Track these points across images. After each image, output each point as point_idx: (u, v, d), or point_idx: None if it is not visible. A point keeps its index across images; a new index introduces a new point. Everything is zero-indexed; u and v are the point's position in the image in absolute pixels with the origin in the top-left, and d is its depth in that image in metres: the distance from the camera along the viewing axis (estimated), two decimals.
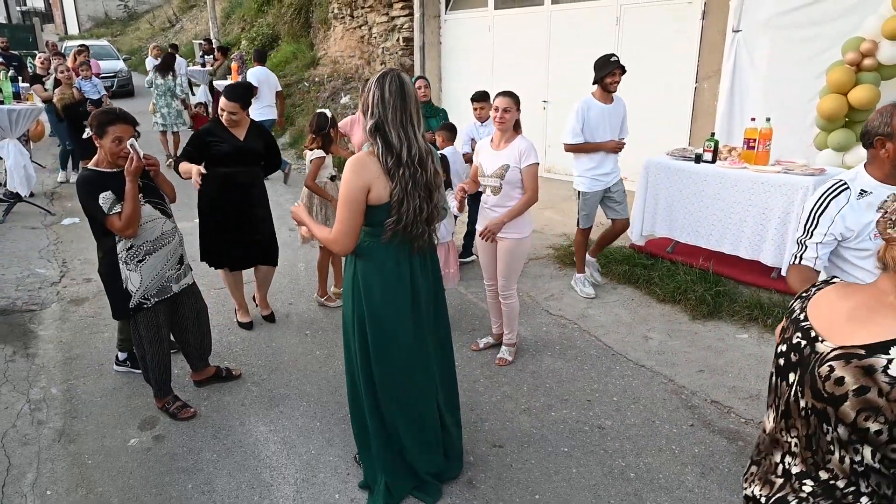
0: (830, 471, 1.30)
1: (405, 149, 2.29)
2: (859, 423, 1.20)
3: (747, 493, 1.51)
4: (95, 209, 2.91)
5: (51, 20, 32.89)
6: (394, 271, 2.44)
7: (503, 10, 8.06)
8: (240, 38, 15.15)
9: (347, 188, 2.30)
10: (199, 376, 3.54)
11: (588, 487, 2.78)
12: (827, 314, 1.34)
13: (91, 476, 2.84)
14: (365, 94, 2.34)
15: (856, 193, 2.19)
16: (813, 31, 5.36)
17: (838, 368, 1.23)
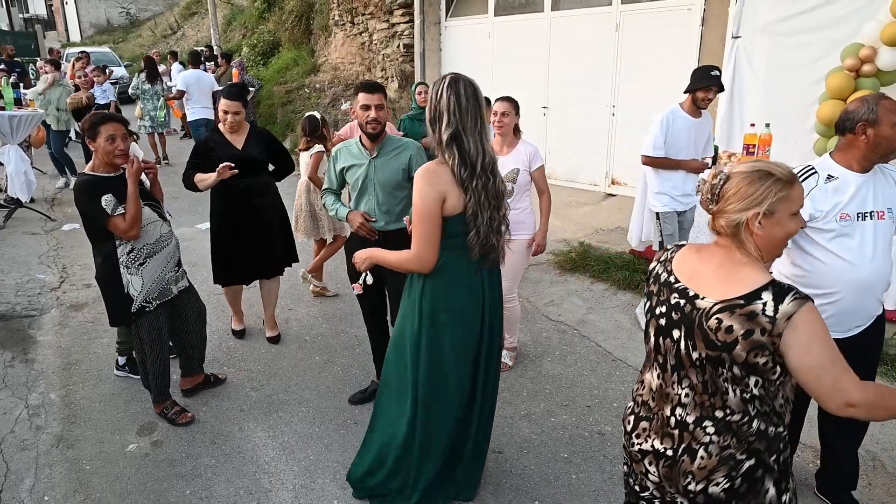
0: (726, 409, 1.52)
1: (479, 158, 2.19)
2: (750, 360, 1.44)
3: (644, 448, 1.67)
4: (98, 212, 2.91)
5: (53, 27, 33.02)
6: (466, 288, 2.35)
7: (503, 16, 8.09)
8: (241, 44, 15.20)
9: (424, 201, 2.17)
10: (190, 382, 3.49)
11: (588, 493, 2.76)
12: (694, 275, 1.56)
13: (89, 481, 2.83)
14: (434, 102, 2.18)
15: (823, 178, 2.29)
16: (812, 37, 5.37)
17: (725, 319, 1.45)
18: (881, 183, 2.32)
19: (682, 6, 6.33)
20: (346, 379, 3.69)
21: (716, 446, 1.53)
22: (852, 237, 2.25)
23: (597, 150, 7.34)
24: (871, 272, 2.27)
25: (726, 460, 1.52)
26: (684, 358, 1.55)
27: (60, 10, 31.98)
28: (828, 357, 1.41)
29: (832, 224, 2.25)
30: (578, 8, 7.31)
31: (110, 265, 3.03)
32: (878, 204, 2.28)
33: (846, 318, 2.32)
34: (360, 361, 3.86)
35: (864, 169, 2.29)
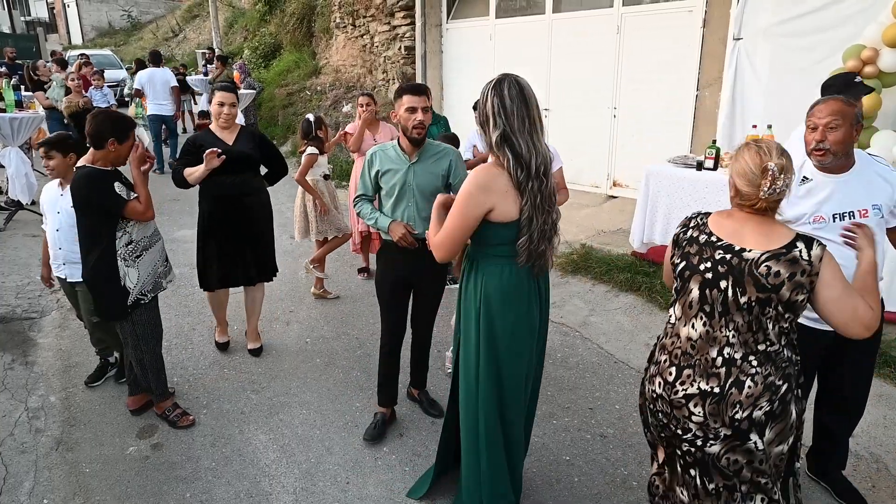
0: (767, 342, 1.84)
1: (534, 159, 2.09)
2: (792, 298, 1.78)
3: (690, 392, 1.91)
4: (114, 199, 2.93)
5: (55, 30, 33.09)
6: (525, 295, 2.27)
7: (504, 18, 8.09)
8: (242, 47, 15.23)
9: (468, 201, 2.10)
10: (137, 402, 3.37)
11: (590, 496, 2.75)
12: (734, 234, 1.86)
13: (89, 484, 2.82)
14: (481, 105, 2.14)
15: (798, 180, 2.33)
16: (813, 38, 5.37)
17: (773, 265, 1.78)
18: (862, 179, 2.32)
19: (684, 8, 6.32)
20: (346, 381, 3.67)
21: (760, 376, 1.83)
22: (833, 239, 2.20)
23: (598, 152, 7.33)
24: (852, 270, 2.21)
25: (769, 387, 1.83)
26: (731, 303, 1.84)
27: (62, 12, 32.07)
28: (847, 290, 1.77)
29: (806, 227, 2.27)
30: (579, 10, 7.30)
31: (108, 258, 2.99)
32: (857, 203, 2.29)
33: None
34: (362, 363, 3.85)
35: (841, 169, 2.31)
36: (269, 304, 4.80)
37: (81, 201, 2.95)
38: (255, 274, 3.87)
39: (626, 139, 7.05)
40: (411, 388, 3.47)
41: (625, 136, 7.07)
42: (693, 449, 1.94)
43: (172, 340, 4.18)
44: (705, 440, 1.91)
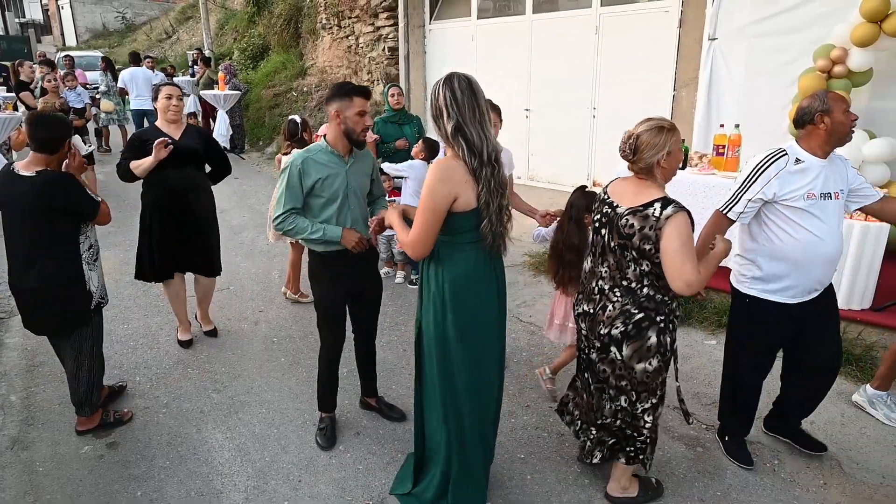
0: (629, 279, 2.33)
1: (485, 147, 2.20)
2: (641, 246, 2.23)
3: (579, 311, 2.54)
4: (91, 201, 2.92)
5: (49, 32, 33.06)
6: (485, 277, 2.35)
7: (486, 19, 8.11)
8: (232, 48, 15.22)
9: (432, 196, 2.19)
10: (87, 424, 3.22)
11: (540, 493, 2.75)
12: (618, 194, 2.38)
13: (41, 483, 2.82)
14: (433, 100, 2.24)
15: (792, 160, 2.58)
16: (786, 39, 5.38)
17: (630, 218, 2.26)
18: (836, 167, 2.62)
19: (660, 8, 6.34)
20: (310, 380, 3.66)
21: (619, 304, 2.34)
22: (818, 216, 2.54)
23: (579, 152, 7.35)
24: (834, 245, 2.59)
25: (624, 312, 2.32)
26: (606, 246, 2.37)
27: (56, 14, 32.03)
28: (682, 249, 2.13)
29: (800, 202, 2.53)
30: (559, 10, 7.32)
31: (74, 262, 2.95)
32: (834, 186, 2.59)
33: (809, 287, 2.64)
34: None
35: (826, 154, 2.59)
36: (240, 303, 4.81)
37: (53, 204, 2.83)
38: (199, 266, 3.93)
39: (605, 139, 7.06)
40: (365, 398, 3.38)
41: (604, 136, 7.07)
42: (583, 355, 2.58)
43: (139, 340, 4.19)
44: (589, 348, 2.52)
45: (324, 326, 3.02)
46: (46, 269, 2.88)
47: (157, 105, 3.68)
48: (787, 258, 2.59)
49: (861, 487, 2.79)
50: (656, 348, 2.31)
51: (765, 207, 2.62)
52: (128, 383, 3.36)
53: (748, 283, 2.73)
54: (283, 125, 4.73)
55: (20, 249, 2.88)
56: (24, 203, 2.81)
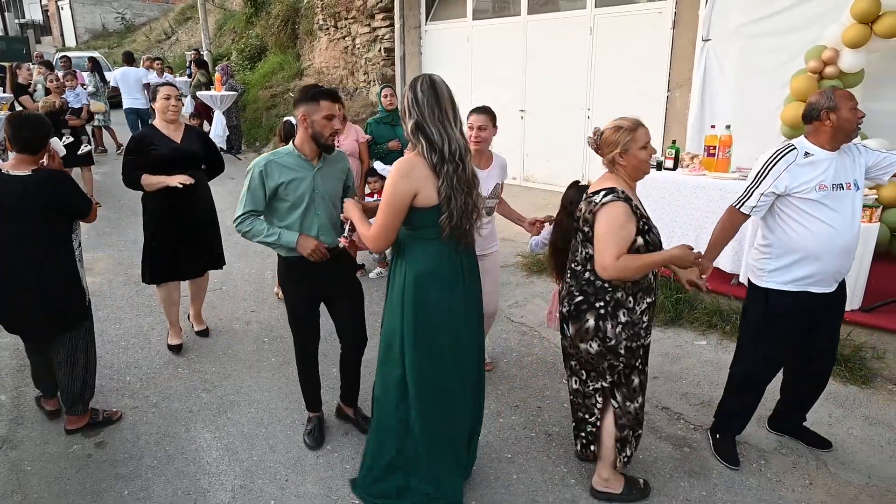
0: (577, 262, 2.49)
1: (446, 145, 2.25)
2: (583, 227, 2.41)
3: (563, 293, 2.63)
4: (85, 199, 2.98)
5: (48, 32, 33.10)
6: (448, 272, 2.40)
7: (481, 20, 8.12)
8: (230, 49, 15.24)
9: (393, 192, 2.26)
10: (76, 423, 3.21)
11: (525, 493, 2.76)
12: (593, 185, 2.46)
13: (28, 482, 2.83)
14: (400, 105, 2.38)
15: (801, 154, 2.65)
16: (779, 40, 5.40)
17: (582, 204, 2.45)
18: (846, 159, 2.68)
19: (654, 9, 6.35)
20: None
21: (568, 284, 2.53)
22: (832, 206, 2.60)
23: (574, 153, 7.35)
24: (850, 236, 2.65)
25: (570, 293, 2.50)
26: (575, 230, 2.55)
27: (56, 15, 32.06)
28: (607, 235, 2.29)
29: (813, 194, 2.59)
30: (554, 11, 7.34)
31: (72, 260, 2.97)
32: (846, 177, 2.65)
33: (830, 277, 2.69)
34: None
35: (834, 148, 2.66)
36: (232, 303, 4.82)
37: (53, 202, 2.84)
38: (205, 263, 3.98)
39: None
40: (343, 405, 3.26)
41: None
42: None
43: (131, 340, 4.19)
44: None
45: (293, 328, 3.02)
46: (48, 268, 2.88)
47: (155, 105, 3.69)
48: (803, 250, 2.65)
49: (847, 488, 2.79)
50: (594, 332, 2.41)
51: (778, 201, 2.69)
52: (122, 414, 3.32)
53: (766, 276, 2.77)
54: (279, 126, 4.75)
55: (16, 252, 2.83)
56: (21, 203, 2.79)
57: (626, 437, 2.59)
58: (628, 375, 2.51)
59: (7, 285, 2.87)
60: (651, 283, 2.47)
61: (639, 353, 2.49)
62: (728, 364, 3.74)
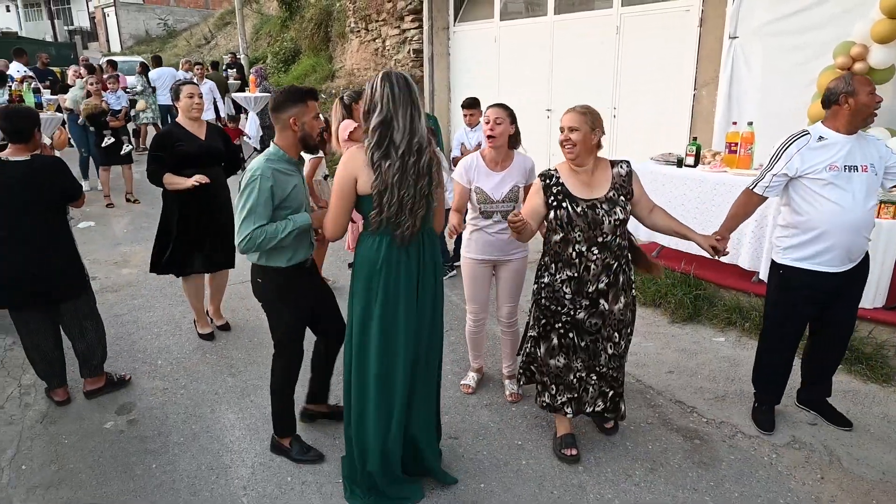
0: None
1: (407, 138, 2.30)
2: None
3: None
4: (78, 184, 3.33)
5: (95, 38, 34.39)
6: (390, 262, 2.44)
7: (508, 21, 8.18)
8: (266, 52, 15.63)
9: (337, 178, 2.41)
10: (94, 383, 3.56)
11: (534, 478, 2.82)
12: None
13: (65, 454, 3.01)
14: (369, 95, 2.34)
15: (815, 138, 2.80)
16: (806, 37, 5.33)
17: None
18: (863, 144, 2.80)
19: (681, 7, 6.32)
20: None
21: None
22: (842, 186, 2.73)
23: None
24: (859, 214, 2.76)
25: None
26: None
27: (103, 22, 33.29)
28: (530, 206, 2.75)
29: (823, 174, 2.73)
30: (580, 11, 7.36)
31: (69, 237, 3.34)
32: (862, 160, 2.76)
33: (841, 255, 2.82)
34: None
35: (850, 132, 2.77)
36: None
37: (54, 184, 3.16)
38: (221, 261, 4.08)
39: (625, 139, 7.06)
40: (317, 404, 3.21)
41: (624, 136, 7.07)
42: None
43: (163, 327, 4.39)
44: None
45: (289, 349, 2.86)
46: (50, 243, 3.20)
47: (178, 104, 3.86)
48: (814, 228, 2.80)
49: (859, 483, 2.78)
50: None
51: (792, 183, 2.86)
52: (131, 375, 3.65)
53: (782, 252, 2.96)
54: None
55: (20, 228, 3.10)
56: (21, 185, 3.08)
57: (544, 382, 2.93)
58: (548, 333, 2.83)
59: (12, 258, 3.13)
60: (572, 260, 2.71)
61: (560, 319, 2.78)
62: (747, 360, 3.76)
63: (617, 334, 2.81)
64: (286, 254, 2.68)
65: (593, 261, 2.68)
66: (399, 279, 2.45)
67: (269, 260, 2.68)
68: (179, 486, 2.79)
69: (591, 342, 2.80)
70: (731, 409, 3.35)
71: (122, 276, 5.42)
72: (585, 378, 2.85)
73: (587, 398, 2.88)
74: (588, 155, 2.72)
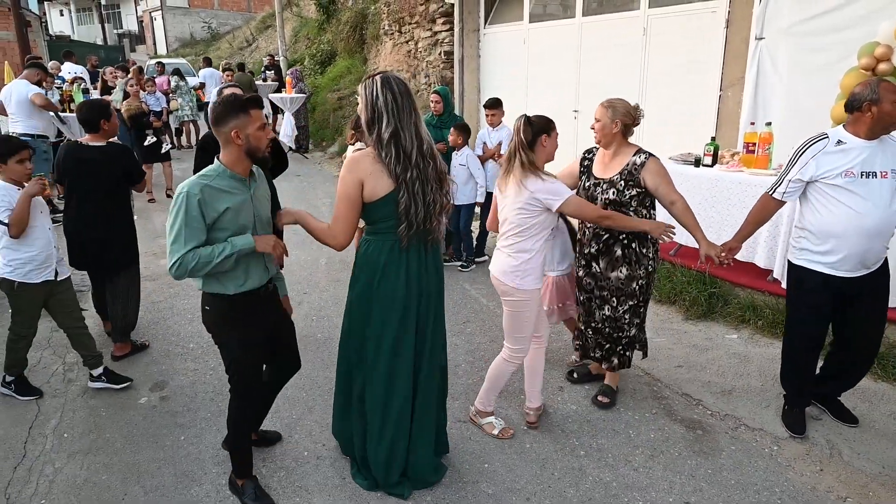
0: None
1: (415, 147, 2.33)
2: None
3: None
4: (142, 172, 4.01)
5: (143, 41, 35.68)
6: (395, 273, 2.46)
7: (537, 23, 8.28)
8: (304, 54, 16.03)
9: (342, 183, 2.37)
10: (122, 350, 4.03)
11: (536, 460, 2.94)
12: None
13: (103, 424, 3.27)
14: (371, 102, 2.33)
15: (833, 143, 2.78)
16: (833, 38, 5.29)
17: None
18: (887, 149, 2.77)
19: (707, 8, 6.33)
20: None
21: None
22: (858, 192, 2.71)
23: None
24: (877, 220, 2.73)
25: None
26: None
27: (150, 25, 34.52)
28: None
29: (838, 180, 2.74)
30: (608, 13, 7.42)
31: (130, 214, 4.05)
32: (882, 166, 2.73)
33: (854, 261, 2.82)
34: None
35: (871, 137, 2.74)
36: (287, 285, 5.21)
37: (124, 167, 3.77)
38: None
39: (651, 139, 7.06)
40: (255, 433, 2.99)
41: (650, 137, 7.07)
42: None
43: (196, 313, 4.61)
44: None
45: (240, 383, 2.58)
46: (118, 217, 3.86)
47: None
48: (829, 232, 2.81)
49: (858, 475, 2.82)
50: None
51: (809, 187, 2.87)
52: (150, 342, 4.19)
53: (798, 253, 2.99)
54: (352, 117, 5.06)
55: (94, 203, 3.73)
56: (98, 165, 3.67)
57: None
58: None
59: (82, 227, 3.77)
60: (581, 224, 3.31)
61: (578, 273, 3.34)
62: (759, 357, 3.81)
63: (615, 299, 3.20)
64: (235, 280, 2.39)
65: (587, 228, 3.23)
66: (402, 282, 2.47)
67: (215, 286, 2.39)
68: (205, 457, 3.00)
69: (587, 300, 3.32)
70: (736, 402, 3.41)
71: (161, 266, 5.73)
72: (584, 330, 3.41)
73: (588, 345, 3.42)
74: (610, 141, 3.13)
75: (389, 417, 2.62)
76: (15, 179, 3.25)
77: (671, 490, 2.74)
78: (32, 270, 3.30)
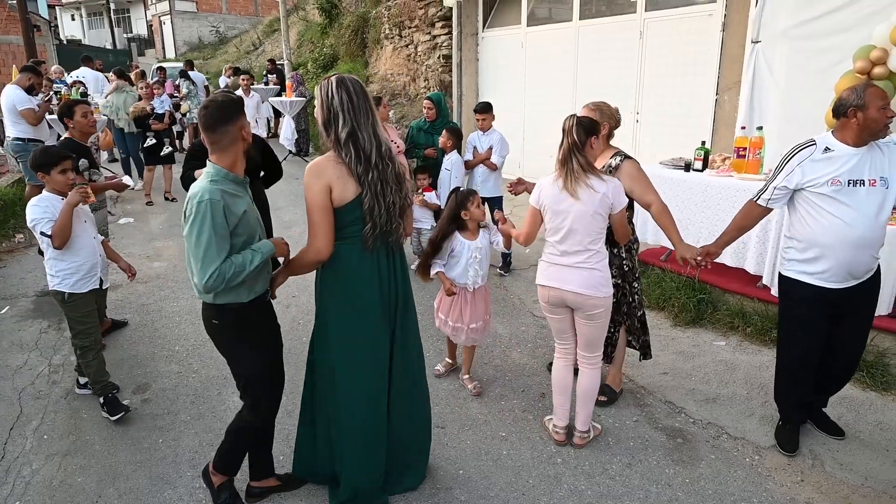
0: None
1: (374, 149, 2.29)
2: None
3: None
4: None
5: (152, 45, 35.98)
6: (361, 277, 2.42)
7: (535, 26, 8.27)
8: (307, 58, 16.09)
9: (310, 192, 2.26)
10: None
11: (512, 468, 2.92)
12: None
13: (83, 427, 3.28)
14: (327, 103, 2.28)
15: (821, 150, 2.70)
16: (830, 41, 5.25)
17: None
18: (876, 156, 2.68)
19: (704, 12, 6.30)
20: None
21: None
22: (844, 201, 2.63)
23: None
24: (865, 230, 2.65)
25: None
26: None
27: (159, 29, 34.80)
28: None
29: (824, 189, 2.66)
30: (605, 16, 7.39)
31: None
32: (871, 173, 2.65)
33: (841, 272, 2.73)
34: None
35: (858, 144, 2.66)
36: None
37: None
38: None
39: (648, 143, 7.06)
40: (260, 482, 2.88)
41: (647, 141, 7.07)
42: None
43: (184, 316, 4.67)
44: None
45: (263, 395, 2.62)
46: None
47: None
48: (816, 242, 2.73)
49: (839, 486, 2.77)
50: None
51: (796, 195, 2.79)
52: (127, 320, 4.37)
53: (787, 264, 2.91)
54: None
55: None
56: None
57: None
58: None
59: None
60: None
61: None
62: (745, 364, 3.77)
63: None
64: (249, 287, 2.34)
65: None
66: (376, 286, 2.44)
67: (228, 296, 2.30)
68: (181, 460, 3.00)
69: None
70: (720, 410, 3.37)
71: (153, 268, 5.75)
72: None
73: None
74: None
75: (367, 423, 2.61)
76: (58, 190, 3.26)
77: (646, 499, 2.70)
78: (80, 280, 3.30)
